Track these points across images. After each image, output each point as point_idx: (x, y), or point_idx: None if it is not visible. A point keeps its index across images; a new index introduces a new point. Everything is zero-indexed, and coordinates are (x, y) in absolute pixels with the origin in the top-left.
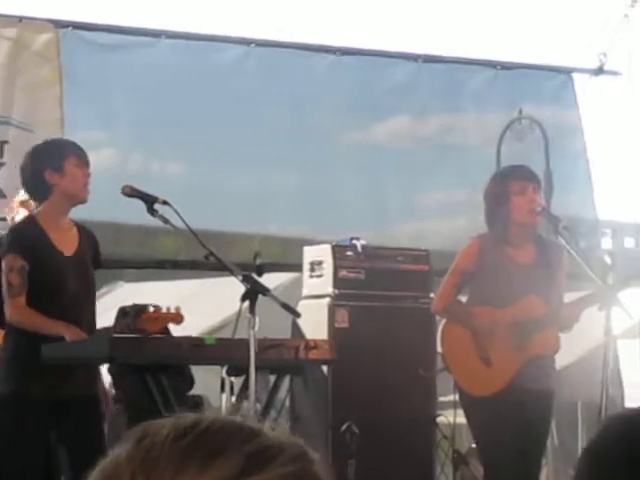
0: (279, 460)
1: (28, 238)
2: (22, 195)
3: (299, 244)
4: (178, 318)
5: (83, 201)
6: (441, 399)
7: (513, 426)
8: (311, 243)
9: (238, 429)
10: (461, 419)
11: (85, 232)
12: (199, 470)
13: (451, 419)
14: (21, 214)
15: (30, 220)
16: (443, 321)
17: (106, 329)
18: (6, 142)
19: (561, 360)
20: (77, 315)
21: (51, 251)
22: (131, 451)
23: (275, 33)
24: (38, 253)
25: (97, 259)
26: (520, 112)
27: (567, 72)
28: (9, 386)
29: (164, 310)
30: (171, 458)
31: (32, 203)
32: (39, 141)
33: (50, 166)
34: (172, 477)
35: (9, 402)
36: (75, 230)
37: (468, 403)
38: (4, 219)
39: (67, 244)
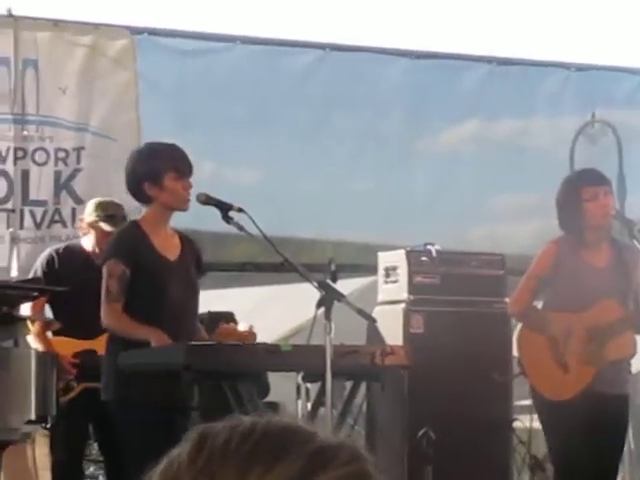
0: (338, 460)
1: (131, 242)
2: (90, 214)
3: (373, 250)
4: (251, 337)
5: (184, 210)
6: (517, 403)
7: (588, 431)
8: (384, 248)
9: (295, 432)
10: (538, 424)
11: (186, 239)
12: (262, 473)
13: (528, 423)
14: (89, 236)
15: (133, 225)
16: (519, 326)
17: None
18: (83, 148)
19: (635, 364)
20: (179, 320)
21: (155, 256)
22: (192, 455)
23: (350, 37)
24: (141, 257)
25: (200, 265)
26: (593, 116)
27: None
28: (124, 391)
29: (237, 319)
30: (233, 463)
31: (102, 226)
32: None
33: (149, 179)
34: None
35: (132, 406)
36: (177, 238)
37: (543, 408)
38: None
39: (170, 250)
